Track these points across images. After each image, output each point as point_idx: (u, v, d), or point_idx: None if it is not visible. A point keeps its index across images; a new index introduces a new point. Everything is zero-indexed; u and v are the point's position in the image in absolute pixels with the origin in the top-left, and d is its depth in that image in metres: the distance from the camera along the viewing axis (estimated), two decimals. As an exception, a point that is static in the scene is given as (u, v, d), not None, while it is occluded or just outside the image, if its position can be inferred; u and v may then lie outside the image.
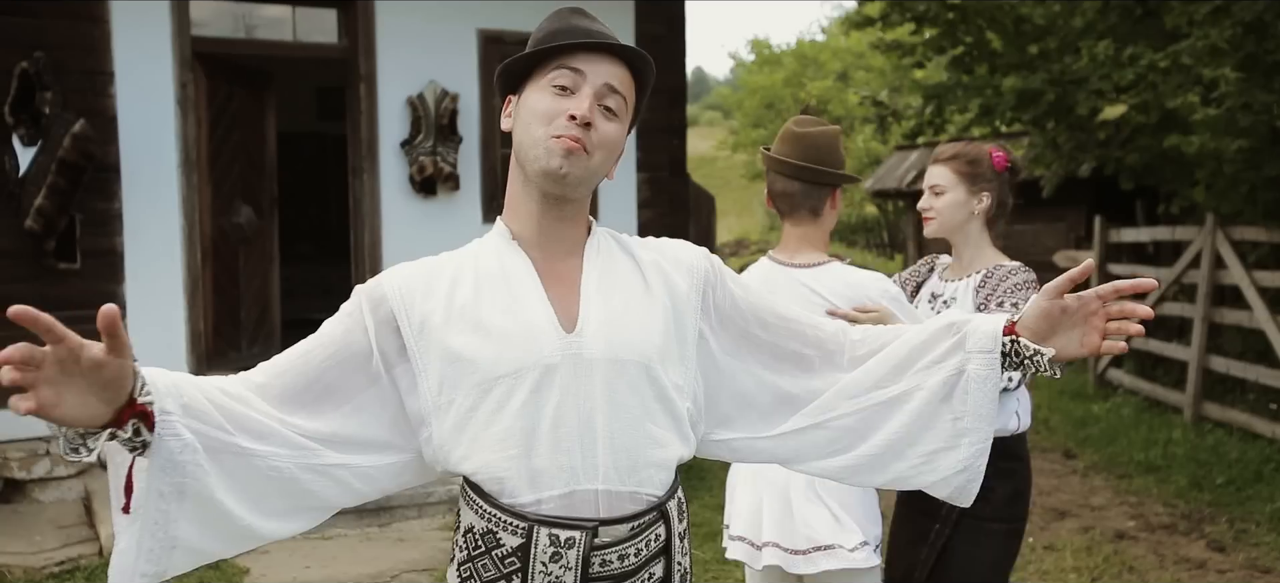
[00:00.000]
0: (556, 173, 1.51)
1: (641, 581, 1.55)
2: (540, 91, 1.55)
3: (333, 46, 7.01)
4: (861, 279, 2.57)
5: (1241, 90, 6.18)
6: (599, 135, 1.53)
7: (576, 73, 1.53)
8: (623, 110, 1.57)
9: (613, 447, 1.51)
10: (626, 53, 1.57)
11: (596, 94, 1.53)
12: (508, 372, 1.50)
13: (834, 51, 26.76)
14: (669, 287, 1.62)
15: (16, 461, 5.90)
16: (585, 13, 1.60)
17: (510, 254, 1.59)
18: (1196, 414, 7.50)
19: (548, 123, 1.52)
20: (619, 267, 1.62)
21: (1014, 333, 1.59)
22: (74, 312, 6.85)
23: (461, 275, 1.57)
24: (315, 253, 10.74)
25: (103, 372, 1.26)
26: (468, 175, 7.00)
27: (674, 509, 1.60)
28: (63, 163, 5.64)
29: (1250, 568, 4.97)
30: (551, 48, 1.54)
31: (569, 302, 1.56)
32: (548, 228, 1.59)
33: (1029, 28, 8.44)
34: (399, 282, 1.56)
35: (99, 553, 5.09)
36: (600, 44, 1.54)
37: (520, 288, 1.55)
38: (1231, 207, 7.12)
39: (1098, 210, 9.17)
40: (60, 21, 5.99)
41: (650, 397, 1.55)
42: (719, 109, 42.50)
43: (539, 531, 1.48)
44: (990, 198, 2.74)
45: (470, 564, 1.53)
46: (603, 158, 1.55)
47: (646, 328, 1.57)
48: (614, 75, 1.55)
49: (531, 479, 1.49)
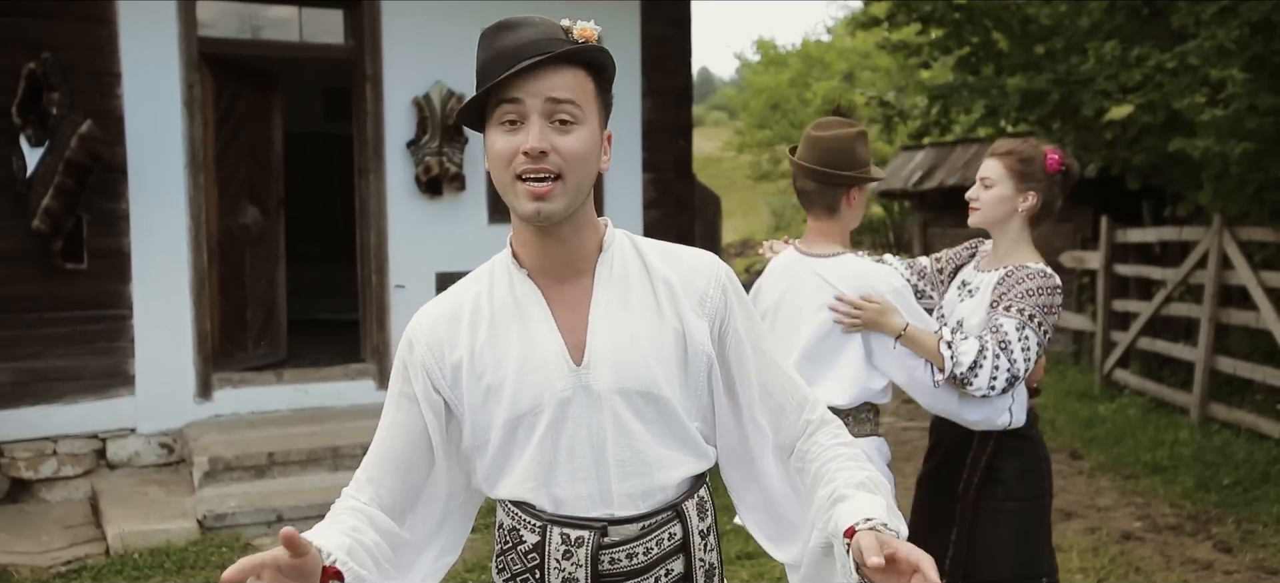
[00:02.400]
0: (535, 217, 1.49)
1: (658, 576, 1.58)
2: (494, 133, 1.51)
3: (339, 47, 7.02)
4: (868, 270, 2.71)
5: (1249, 91, 6.16)
6: (563, 152, 1.47)
7: (515, 103, 1.47)
8: (579, 113, 1.49)
9: (624, 473, 1.55)
10: (561, 57, 1.47)
11: (544, 114, 1.47)
12: (526, 410, 1.55)
13: (840, 52, 26.70)
14: (680, 310, 1.60)
15: (24, 461, 5.92)
16: (511, 24, 1.50)
17: (521, 284, 1.59)
18: (1203, 415, 7.48)
19: (507, 165, 1.49)
20: (631, 287, 1.60)
21: (852, 536, 1.40)
22: (81, 312, 6.88)
23: (479, 313, 1.59)
24: (321, 253, 10.77)
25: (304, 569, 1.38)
26: (473, 176, 7.00)
27: (691, 508, 1.61)
28: (70, 163, 5.66)
29: (1257, 569, 4.96)
30: (486, 90, 1.48)
31: (578, 329, 1.57)
32: (551, 253, 1.57)
33: (1035, 28, 8.42)
34: (427, 339, 1.60)
35: (105, 553, 5.10)
36: (525, 67, 1.45)
37: (531, 321, 1.57)
38: (1238, 207, 7.10)
39: (1104, 211, 9.15)
40: (67, 22, 6.01)
41: (658, 423, 1.57)
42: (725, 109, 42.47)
43: (552, 529, 1.55)
44: (1036, 198, 2.78)
45: (503, 557, 1.63)
46: (578, 171, 1.49)
47: (654, 355, 1.56)
48: (555, 86, 1.47)
49: (555, 505, 1.56)
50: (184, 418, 6.35)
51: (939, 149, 12.75)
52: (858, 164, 2.74)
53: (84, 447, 6.10)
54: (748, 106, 28.87)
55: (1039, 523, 2.87)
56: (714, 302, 1.63)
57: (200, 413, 6.42)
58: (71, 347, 6.10)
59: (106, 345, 6.19)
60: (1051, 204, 2.81)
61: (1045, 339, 2.68)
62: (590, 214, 1.60)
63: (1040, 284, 2.68)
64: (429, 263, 6.78)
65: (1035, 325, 2.66)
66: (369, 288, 6.97)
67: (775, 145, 26.27)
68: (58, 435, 6.04)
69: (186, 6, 6.29)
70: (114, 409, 6.21)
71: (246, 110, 7.03)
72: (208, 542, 5.16)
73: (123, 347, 6.23)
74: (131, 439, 6.25)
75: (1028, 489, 2.82)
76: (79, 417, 6.11)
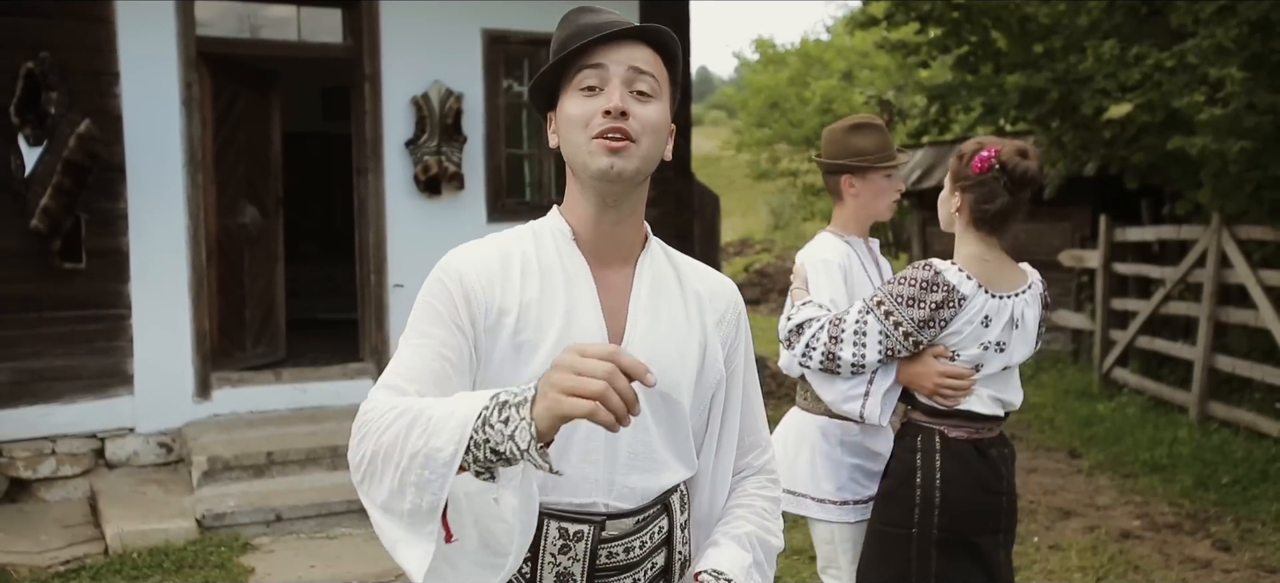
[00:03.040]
0: (607, 172, 1.51)
1: (645, 570, 1.62)
2: (571, 100, 1.55)
3: (337, 46, 7.02)
4: (810, 245, 2.97)
5: (1247, 90, 6.17)
6: (640, 119, 1.52)
7: (599, 69, 1.52)
8: (656, 89, 1.55)
9: (632, 466, 1.57)
10: (644, 33, 1.55)
11: (624, 81, 1.52)
12: None
13: (839, 51, 26.69)
14: (705, 325, 1.66)
15: (22, 460, 5.92)
16: (591, 8, 1.60)
17: (570, 255, 1.59)
18: (1202, 414, 7.48)
19: (585, 126, 1.52)
20: (667, 289, 1.64)
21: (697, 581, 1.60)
22: (80, 311, 6.86)
23: (529, 268, 1.57)
24: (320, 253, 10.77)
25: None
26: (472, 175, 7.00)
27: (676, 502, 1.66)
28: (68, 163, 5.65)
29: (1256, 567, 4.96)
30: (569, 54, 1.53)
31: (618, 313, 1.59)
32: (605, 231, 1.59)
33: (1034, 27, 8.43)
34: (480, 273, 1.55)
35: (104, 553, 5.10)
36: (613, 34, 1.52)
37: (578, 294, 1.57)
38: (1236, 206, 7.10)
39: (1103, 209, 9.15)
40: (66, 22, 6.00)
41: (669, 426, 1.61)
42: (724, 108, 42.44)
43: (549, 523, 1.55)
44: (962, 198, 2.61)
45: None
46: (651, 141, 1.54)
47: (679, 360, 1.60)
48: (637, 57, 1.54)
49: (556, 482, 1.54)
50: (183, 418, 6.34)
51: (938, 148, 12.74)
52: (848, 154, 2.90)
53: (83, 446, 6.09)
54: (746, 106, 28.86)
55: (896, 555, 2.58)
56: (730, 324, 1.70)
57: (199, 413, 6.41)
58: (70, 346, 6.09)
59: (105, 345, 6.19)
60: (994, 206, 2.54)
61: (894, 330, 2.53)
62: (643, 203, 1.63)
63: (910, 275, 2.55)
64: (428, 262, 6.57)
65: (880, 313, 2.54)
66: (368, 287, 6.97)
67: (774, 144, 26.26)
68: (56, 435, 6.04)
69: (185, 6, 6.29)
70: (113, 409, 6.20)
71: (245, 110, 7.02)
72: (206, 541, 5.15)
73: (121, 346, 6.23)
74: (130, 439, 6.25)
75: (887, 514, 2.63)
76: (77, 416, 6.11)
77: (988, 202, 2.55)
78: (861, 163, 2.89)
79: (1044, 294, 2.68)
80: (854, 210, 2.95)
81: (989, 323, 2.53)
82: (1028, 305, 2.59)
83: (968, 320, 2.52)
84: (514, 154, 7.37)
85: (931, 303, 2.51)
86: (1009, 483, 2.64)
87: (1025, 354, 2.62)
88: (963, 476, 2.55)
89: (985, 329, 2.53)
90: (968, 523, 2.55)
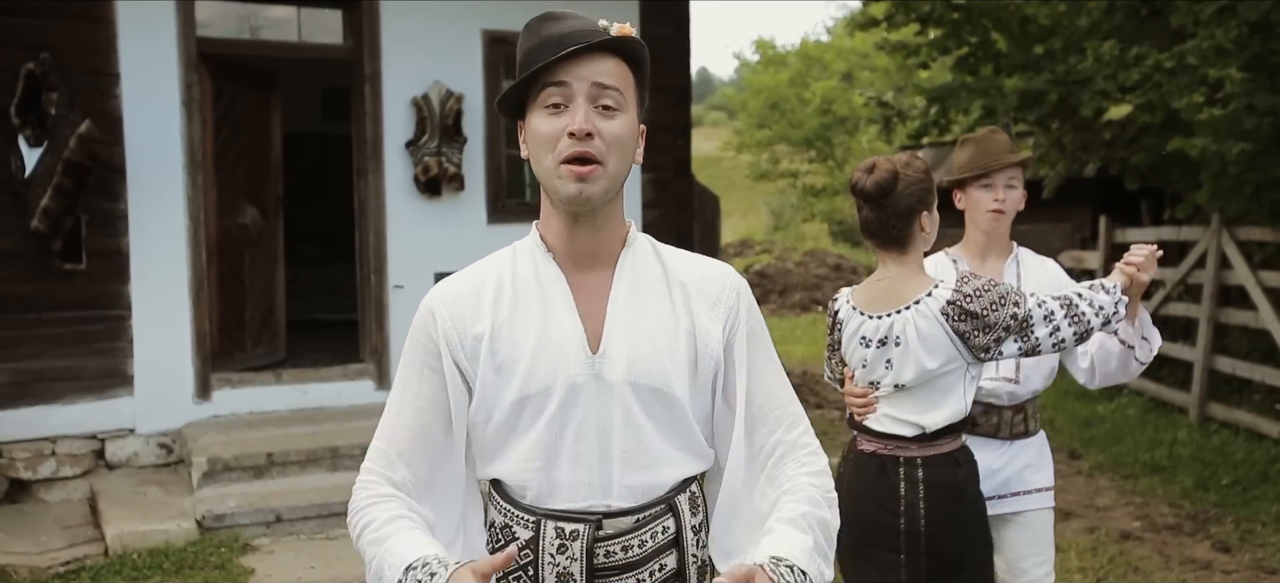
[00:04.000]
0: (576, 199, 1.53)
1: (652, 571, 1.59)
2: (537, 116, 1.55)
3: (338, 47, 7.02)
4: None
5: (1247, 91, 6.17)
6: (606, 138, 1.52)
7: (562, 87, 1.52)
8: (622, 101, 1.55)
9: (627, 465, 1.57)
10: (607, 44, 1.53)
11: (589, 98, 1.52)
12: (538, 391, 1.56)
13: (839, 52, 26.73)
14: (692, 312, 1.63)
15: (22, 461, 5.92)
16: (555, 16, 1.57)
17: (545, 266, 1.61)
18: (1202, 415, 7.49)
19: (552, 148, 1.53)
20: (650, 286, 1.63)
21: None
22: (80, 312, 6.86)
23: (501, 290, 1.61)
24: (320, 253, 10.76)
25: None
26: (472, 176, 7.00)
27: (684, 503, 1.63)
28: (68, 163, 5.65)
29: (1256, 569, 4.96)
30: (535, 71, 1.53)
31: (596, 317, 1.59)
32: (579, 241, 1.60)
33: (1034, 28, 8.43)
34: (449, 310, 1.60)
35: (104, 553, 5.10)
36: (574, 51, 1.51)
37: (552, 304, 1.59)
38: (1236, 208, 7.11)
39: (1103, 210, 9.15)
40: (66, 22, 6.00)
41: (665, 420, 1.60)
42: (724, 109, 42.46)
43: (546, 524, 1.56)
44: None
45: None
46: (618, 158, 1.55)
47: (667, 353, 1.59)
48: (601, 72, 1.53)
49: (552, 490, 1.56)
50: (183, 418, 6.34)
51: (937, 149, 12.73)
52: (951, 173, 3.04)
53: (82, 447, 6.09)
54: (747, 106, 28.90)
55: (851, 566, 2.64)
56: (728, 306, 1.66)
57: (199, 413, 6.41)
58: (70, 347, 6.09)
59: (105, 346, 6.19)
60: (859, 220, 2.59)
61: (830, 354, 2.83)
62: (619, 208, 1.64)
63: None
64: (428, 263, 6.77)
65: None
66: (368, 288, 6.97)
67: (774, 145, 26.28)
68: (56, 436, 6.04)
69: (185, 6, 6.29)
70: (113, 410, 6.20)
71: (245, 110, 7.03)
72: (206, 542, 5.15)
73: (121, 347, 6.23)
74: (130, 440, 6.25)
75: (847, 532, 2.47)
76: (77, 417, 6.11)
77: (875, 210, 2.53)
78: (951, 178, 2.92)
79: (958, 304, 2.45)
80: (967, 227, 2.99)
81: (867, 342, 2.57)
82: (913, 322, 2.48)
83: (848, 340, 2.63)
84: (514, 155, 7.37)
85: (828, 326, 2.75)
86: (910, 506, 2.52)
87: (918, 373, 2.49)
88: (858, 487, 2.59)
89: (864, 348, 2.58)
90: (861, 534, 2.58)
